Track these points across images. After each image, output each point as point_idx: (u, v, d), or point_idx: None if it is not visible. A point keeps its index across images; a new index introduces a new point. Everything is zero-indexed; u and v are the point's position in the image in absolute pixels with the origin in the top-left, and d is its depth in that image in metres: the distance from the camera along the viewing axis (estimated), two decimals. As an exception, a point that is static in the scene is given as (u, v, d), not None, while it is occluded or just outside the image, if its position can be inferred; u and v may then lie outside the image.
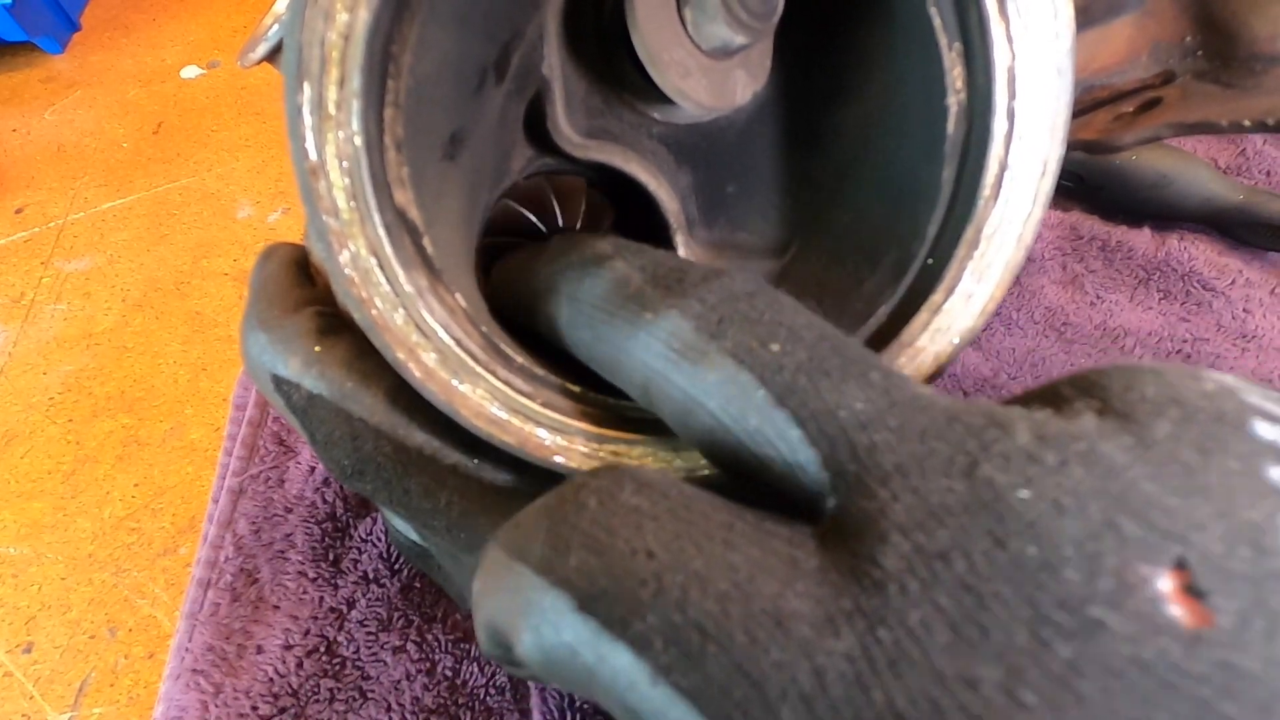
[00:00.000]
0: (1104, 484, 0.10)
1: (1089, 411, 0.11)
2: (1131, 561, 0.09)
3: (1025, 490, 0.10)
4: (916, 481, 0.10)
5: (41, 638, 0.74)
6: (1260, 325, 0.41)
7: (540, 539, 0.11)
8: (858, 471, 0.11)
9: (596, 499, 0.11)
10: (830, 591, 0.10)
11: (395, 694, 0.30)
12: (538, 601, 0.11)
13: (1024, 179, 0.17)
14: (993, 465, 0.10)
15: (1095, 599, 0.09)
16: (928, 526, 0.10)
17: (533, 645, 0.11)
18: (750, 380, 0.12)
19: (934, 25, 0.17)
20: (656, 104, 0.21)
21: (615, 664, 0.10)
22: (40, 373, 0.96)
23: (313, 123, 0.14)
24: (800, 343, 0.13)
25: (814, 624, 0.09)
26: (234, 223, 1.14)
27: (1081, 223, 0.45)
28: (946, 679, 0.09)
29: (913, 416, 0.11)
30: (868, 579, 0.10)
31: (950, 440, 0.11)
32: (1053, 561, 0.09)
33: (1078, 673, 0.08)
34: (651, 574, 0.10)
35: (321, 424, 0.18)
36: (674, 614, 0.10)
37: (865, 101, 0.21)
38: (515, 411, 0.16)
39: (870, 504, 0.11)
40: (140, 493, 0.84)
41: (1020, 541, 0.09)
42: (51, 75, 1.39)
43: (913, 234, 0.18)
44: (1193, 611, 0.09)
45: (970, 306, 0.17)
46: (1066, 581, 0.09)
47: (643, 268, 0.15)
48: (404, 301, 0.15)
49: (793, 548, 0.11)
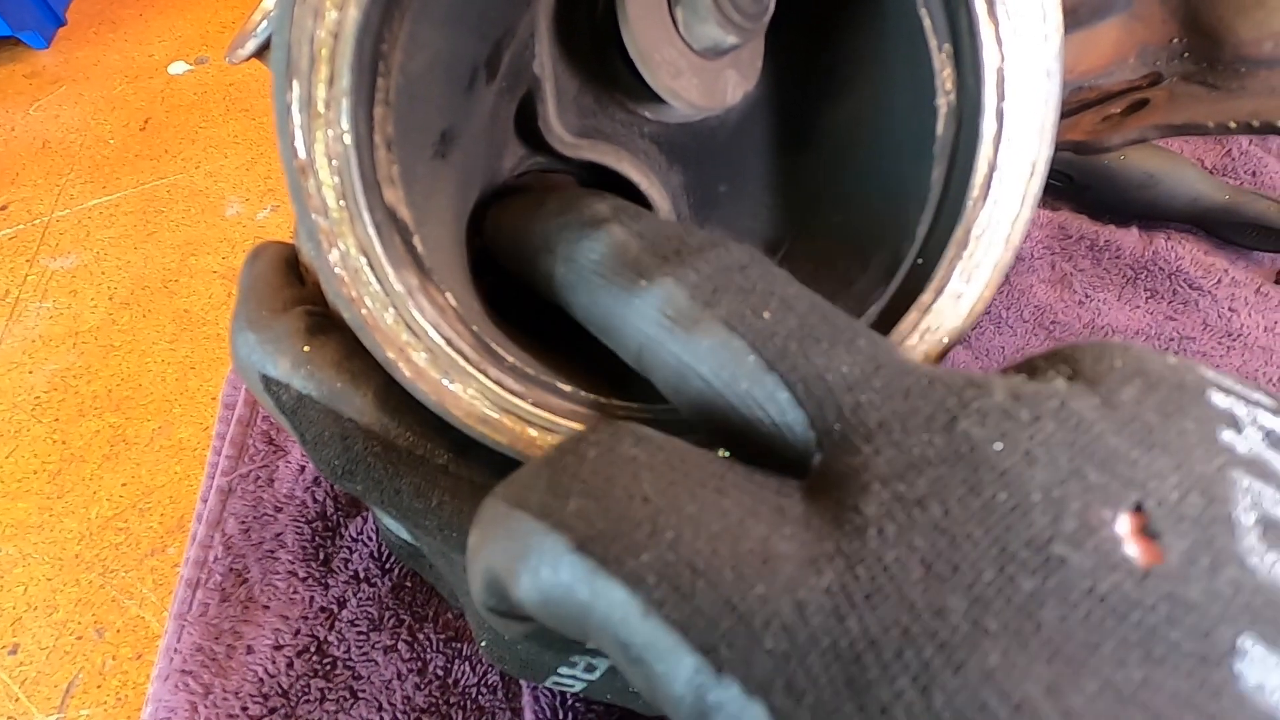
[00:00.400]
0: (1072, 437, 0.10)
1: (1061, 377, 0.12)
2: (1094, 505, 0.10)
3: (999, 443, 0.10)
4: (898, 436, 0.11)
5: (27, 639, 0.73)
6: (1245, 324, 0.41)
7: (540, 487, 0.12)
8: (843, 429, 0.12)
9: (596, 450, 0.12)
10: (813, 536, 0.10)
11: (386, 693, 0.30)
12: (537, 544, 0.11)
13: (1012, 180, 0.17)
14: (970, 421, 0.11)
15: (1059, 538, 0.09)
16: (907, 477, 0.11)
17: (530, 586, 0.11)
18: (742, 345, 0.13)
19: (924, 27, 0.17)
20: (648, 103, 0.21)
21: (610, 599, 0.10)
22: (26, 371, 0.95)
23: (301, 121, 0.13)
24: (791, 311, 0.13)
25: (798, 563, 0.10)
26: (222, 220, 1.13)
27: (1070, 222, 0.45)
28: (917, 608, 0.09)
29: (897, 378, 0.12)
30: (849, 525, 0.10)
31: (931, 399, 0.12)
32: (1022, 506, 0.10)
33: (1039, 603, 0.09)
34: (647, 517, 0.11)
35: (311, 424, 0.18)
36: (667, 553, 0.10)
37: (855, 102, 0.21)
38: (507, 411, 0.16)
39: (854, 459, 0.11)
40: (128, 492, 0.84)
41: (993, 489, 0.10)
42: (36, 70, 1.37)
43: (902, 234, 0.18)
44: (1146, 550, 0.10)
45: (959, 307, 0.17)
46: (1033, 524, 0.10)
47: (640, 234, 0.15)
48: (394, 301, 0.15)
49: (780, 497, 0.11)
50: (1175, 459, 0.10)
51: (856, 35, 0.20)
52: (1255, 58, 0.29)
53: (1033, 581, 0.09)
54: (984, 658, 0.09)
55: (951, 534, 0.10)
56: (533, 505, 0.12)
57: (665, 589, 0.10)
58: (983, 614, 0.09)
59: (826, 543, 0.10)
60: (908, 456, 0.11)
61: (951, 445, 0.11)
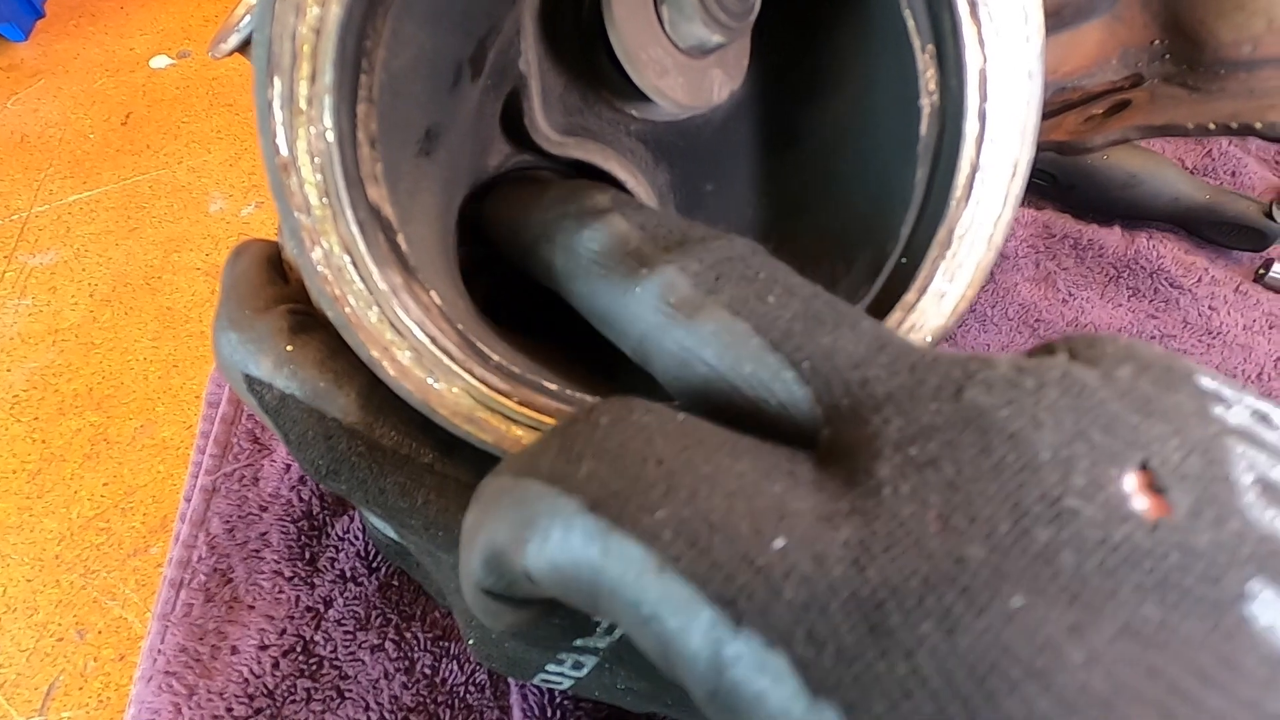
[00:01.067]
0: (1076, 402, 0.11)
1: (1060, 354, 0.12)
2: (1101, 463, 0.10)
3: (1006, 409, 0.11)
4: (907, 406, 0.11)
5: (6, 641, 0.72)
6: (1225, 322, 0.42)
7: (550, 455, 0.12)
8: (851, 404, 0.12)
9: (608, 418, 0.12)
10: (828, 496, 0.11)
11: (374, 693, 0.29)
12: (548, 508, 0.11)
13: (995, 180, 0.17)
14: (976, 390, 0.11)
15: (1070, 493, 0.10)
16: (919, 441, 0.11)
17: (539, 553, 0.11)
18: (745, 329, 0.13)
19: (908, 28, 0.17)
20: (634, 102, 0.21)
21: (623, 557, 0.10)
22: (4, 370, 0.94)
23: (283, 118, 0.13)
24: (795, 297, 0.14)
25: (814, 519, 0.10)
26: (206, 216, 1.12)
27: (1054, 221, 0.46)
28: (937, 558, 0.09)
29: (902, 356, 0.12)
30: (863, 486, 0.11)
31: (937, 371, 0.12)
32: (1031, 464, 0.10)
33: (1055, 551, 0.09)
34: (661, 477, 0.11)
35: (295, 424, 0.18)
36: (683, 509, 0.10)
37: (840, 102, 0.21)
38: (492, 410, 0.16)
39: (864, 429, 0.11)
40: (109, 492, 0.83)
41: (1003, 450, 0.10)
42: (14, 63, 1.35)
43: (886, 234, 0.19)
44: (1155, 504, 0.10)
45: (942, 306, 0.17)
46: (1044, 480, 0.10)
47: (642, 225, 0.15)
48: (378, 299, 0.15)
49: (792, 464, 0.11)
50: (1173, 425, 0.11)
51: (841, 36, 0.20)
52: (1234, 60, 0.29)
53: (1048, 532, 0.09)
54: (1006, 601, 0.09)
55: (965, 490, 0.10)
56: (543, 471, 0.11)
57: (681, 543, 0.10)
58: (1002, 561, 0.09)
59: (841, 502, 0.10)
60: (917, 424, 0.11)
61: (960, 412, 0.11)
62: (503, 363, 0.16)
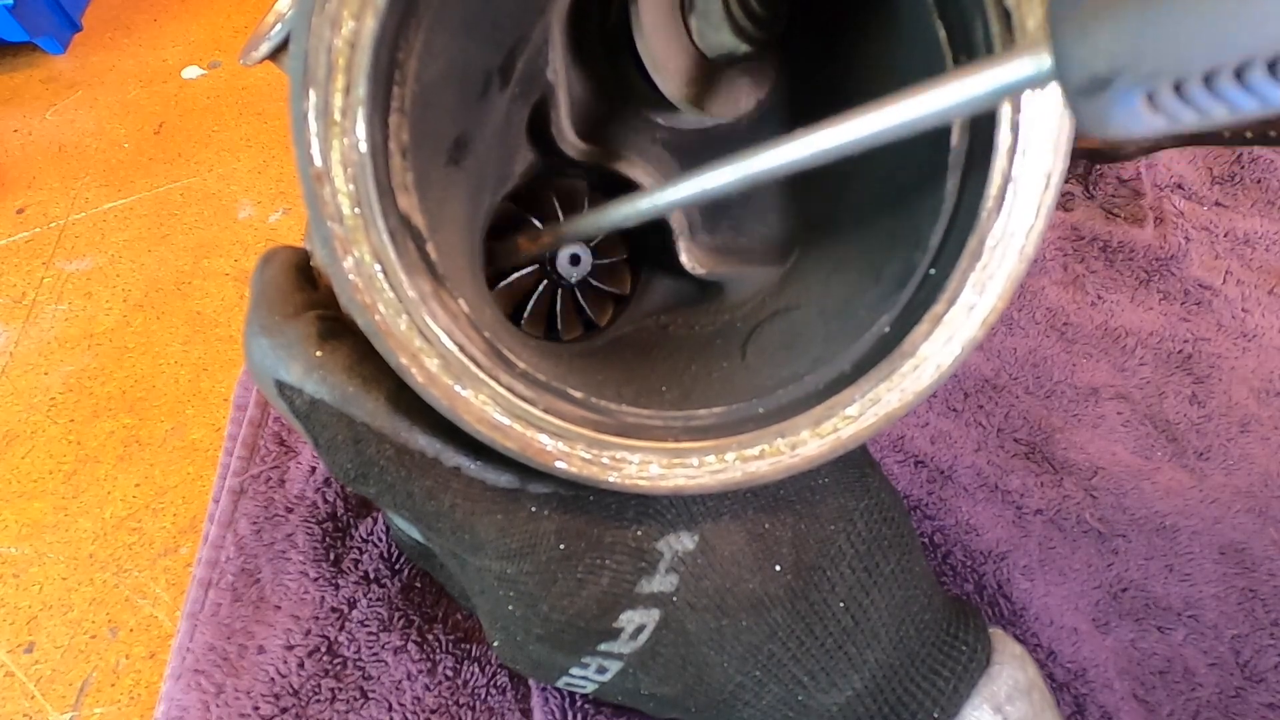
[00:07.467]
0: None
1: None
2: None
3: None
4: None
5: (43, 637, 0.74)
6: (1260, 324, 0.41)
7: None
8: None
9: None
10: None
11: (396, 694, 0.30)
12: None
13: (1027, 191, 0.17)
14: None
15: None
16: None
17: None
18: None
19: (939, 37, 0.17)
20: (661, 110, 0.21)
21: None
22: (41, 373, 0.96)
23: (318, 129, 0.14)
24: None
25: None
26: (235, 223, 1.14)
27: (1083, 223, 0.45)
28: None
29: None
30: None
31: None
32: None
33: None
34: None
35: (324, 428, 0.18)
36: None
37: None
38: (517, 417, 0.16)
39: None
40: (141, 493, 0.84)
41: None
42: (53, 75, 1.39)
43: (915, 244, 0.18)
44: None
45: (972, 318, 0.17)
46: None
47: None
48: (407, 307, 0.15)
49: None
50: None
51: (870, 45, 0.20)
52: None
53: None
54: None
55: None
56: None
57: None
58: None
59: None
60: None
61: None
62: (528, 370, 0.17)
